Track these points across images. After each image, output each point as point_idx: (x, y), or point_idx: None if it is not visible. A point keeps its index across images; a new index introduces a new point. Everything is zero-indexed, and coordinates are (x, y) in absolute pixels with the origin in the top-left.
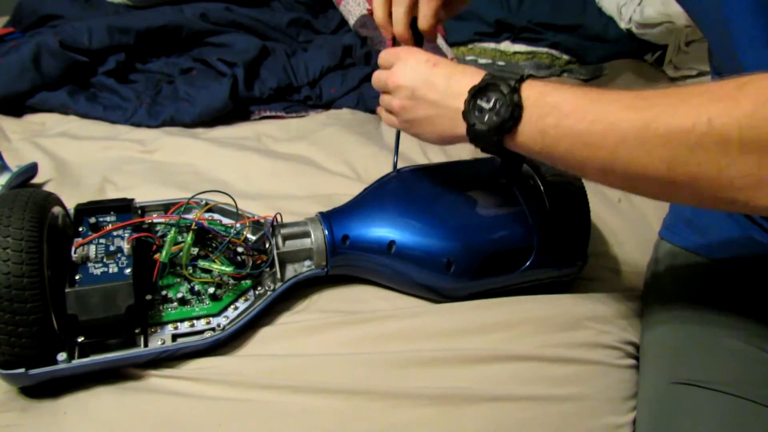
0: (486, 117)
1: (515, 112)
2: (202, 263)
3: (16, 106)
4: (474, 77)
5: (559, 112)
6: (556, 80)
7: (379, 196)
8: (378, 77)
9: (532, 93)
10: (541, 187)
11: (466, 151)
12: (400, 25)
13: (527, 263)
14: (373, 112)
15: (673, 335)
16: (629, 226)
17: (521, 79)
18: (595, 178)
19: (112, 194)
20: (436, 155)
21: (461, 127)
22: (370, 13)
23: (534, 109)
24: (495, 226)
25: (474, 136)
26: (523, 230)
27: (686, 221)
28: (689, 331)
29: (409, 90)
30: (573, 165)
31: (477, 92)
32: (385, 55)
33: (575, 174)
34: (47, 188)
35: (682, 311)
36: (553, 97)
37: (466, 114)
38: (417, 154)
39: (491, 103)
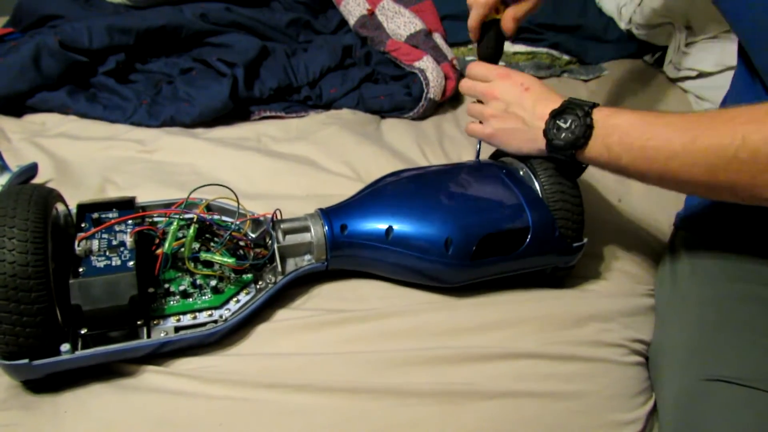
0: (563, 134)
1: (587, 131)
2: (204, 255)
3: (16, 106)
4: (555, 103)
5: (621, 132)
6: (621, 108)
7: (376, 190)
8: (473, 87)
9: (600, 116)
10: (533, 178)
11: (466, 154)
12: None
13: (524, 244)
14: (372, 112)
15: (699, 332)
16: (630, 226)
17: (593, 105)
18: (654, 183)
19: (112, 194)
20: (437, 158)
21: (540, 143)
22: (370, 13)
23: (601, 129)
24: (490, 207)
25: (552, 149)
26: (518, 211)
27: (710, 207)
28: (718, 328)
29: (504, 104)
30: (634, 174)
31: (557, 114)
32: (478, 69)
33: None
34: None
35: (707, 308)
36: (616, 119)
37: (546, 132)
38: (417, 154)
39: (568, 124)
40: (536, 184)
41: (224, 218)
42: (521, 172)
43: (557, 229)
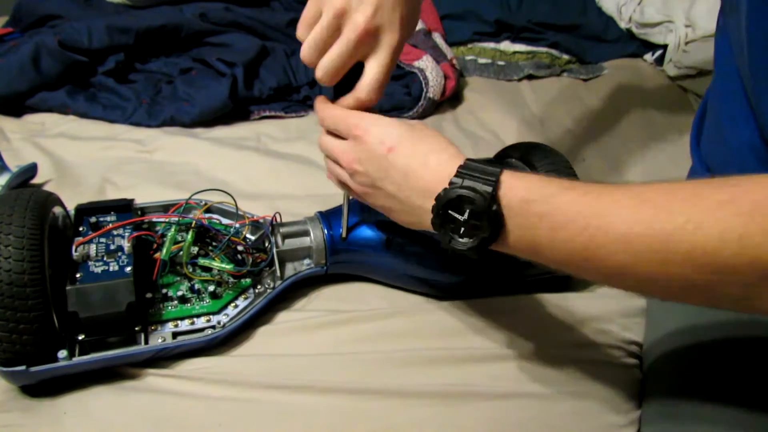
0: (462, 230)
1: (495, 224)
2: (202, 261)
3: (16, 106)
4: (437, 171)
5: (551, 223)
6: (538, 176)
7: None
8: (330, 146)
9: (513, 199)
10: None
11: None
12: (330, 70)
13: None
14: (371, 111)
15: (680, 340)
16: None
17: (496, 181)
18: (600, 282)
19: (111, 194)
20: None
21: (428, 223)
22: None
23: (518, 219)
24: None
25: (452, 251)
26: None
27: None
28: (697, 336)
29: (368, 178)
30: (572, 271)
31: (446, 203)
32: (332, 119)
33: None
34: (47, 188)
35: (690, 314)
36: (540, 206)
37: (436, 225)
38: None
39: (465, 215)
40: None
41: (223, 221)
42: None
43: None
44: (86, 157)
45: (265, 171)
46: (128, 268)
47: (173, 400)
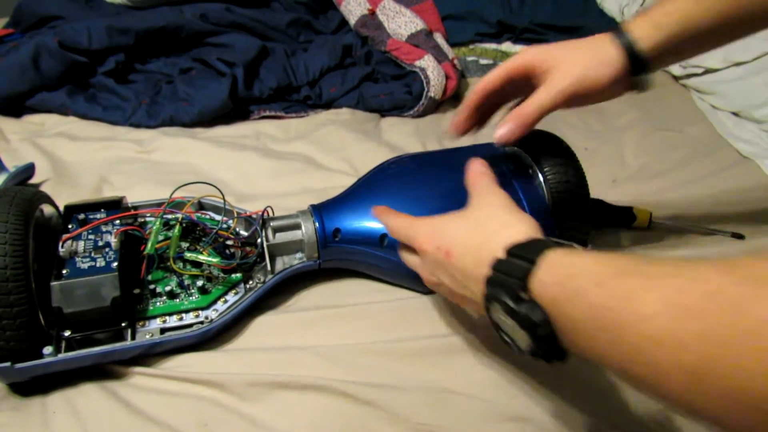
0: (509, 328)
1: (539, 329)
2: (188, 255)
3: (16, 106)
4: (482, 266)
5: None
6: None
7: (370, 188)
8: (410, 264)
9: (557, 292)
10: (542, 182)
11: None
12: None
13: None
14: (373, 110)
15: None
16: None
17: (524, 285)
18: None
19: (109, 194)
20: (432, 144)
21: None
22: (371, 12)
23: (568, 319)
24: None
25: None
26: None
27: None
28: None
29: (447, 288)
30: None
31: (490, 297)
32: (396, 234)
33: (580, 182)
34: (45, 188)
35: None
36: (583, 297)
37: (494, 325)
38: (416, 151)
39: (509, 320)
40: (546, 192)
41: (215, 217)
42: (530, 171)
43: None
44: (84, 157)
45: (265, 171)
46: (114, 264)
47: (162, 399)
